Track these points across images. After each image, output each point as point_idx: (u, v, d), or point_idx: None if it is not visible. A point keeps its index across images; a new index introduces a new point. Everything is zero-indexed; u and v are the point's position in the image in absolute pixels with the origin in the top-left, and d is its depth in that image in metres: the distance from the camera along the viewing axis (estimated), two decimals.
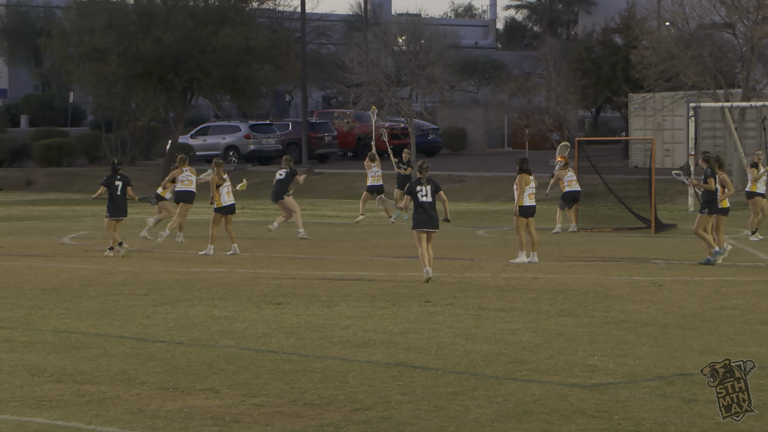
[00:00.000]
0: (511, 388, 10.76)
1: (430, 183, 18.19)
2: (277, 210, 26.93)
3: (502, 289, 17.18)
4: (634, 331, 13.57)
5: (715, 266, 19.88)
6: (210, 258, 21.63)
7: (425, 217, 18.10)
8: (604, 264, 20.32)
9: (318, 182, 44.52)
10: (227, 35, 44.57)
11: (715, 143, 43.98)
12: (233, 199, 22.58)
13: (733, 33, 39.18)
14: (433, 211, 18.16)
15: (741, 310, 15.11)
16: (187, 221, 25.37)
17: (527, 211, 20.44)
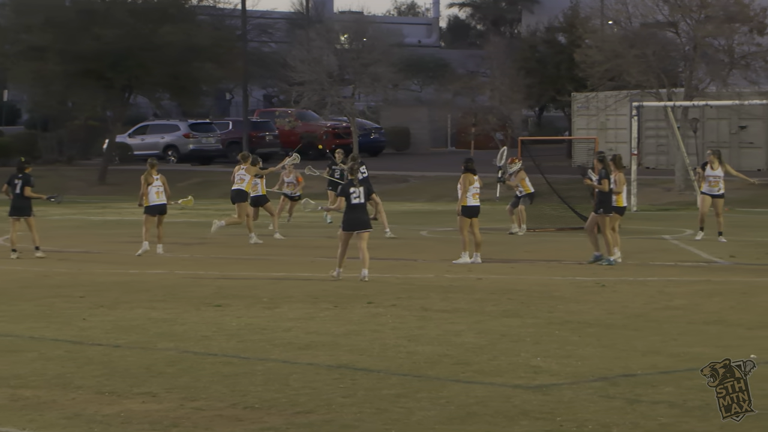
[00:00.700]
0: (455, 389, 10.76)
1: (363, 184, 18.42)
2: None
3: (447, 290, 17.20)
4: (578, 332, 13.63)
5: (660, 266, 20.04)
6: (151, 259, 21.47)
7: (356, 219, 18.32)
8: (548, 264, 20.41)
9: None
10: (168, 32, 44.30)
11: (658, 142, 44.43)
12: (163, 199, 22.50)
13: (676, 32, 39.54)
14: (365, 212, 18.39)
15: (685, 310, 15.23)
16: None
17: (471, 211, 20.50)
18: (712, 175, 23.73)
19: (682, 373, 11.34)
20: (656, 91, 38.77)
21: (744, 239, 24.33)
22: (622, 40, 39.55)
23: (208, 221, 28.61)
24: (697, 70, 38.75)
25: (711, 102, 37.17)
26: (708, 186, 23.84)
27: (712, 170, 23.78)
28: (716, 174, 23.77)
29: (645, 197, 35.56)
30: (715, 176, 23.74)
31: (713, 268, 19.88)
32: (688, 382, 10.93)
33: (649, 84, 38.69)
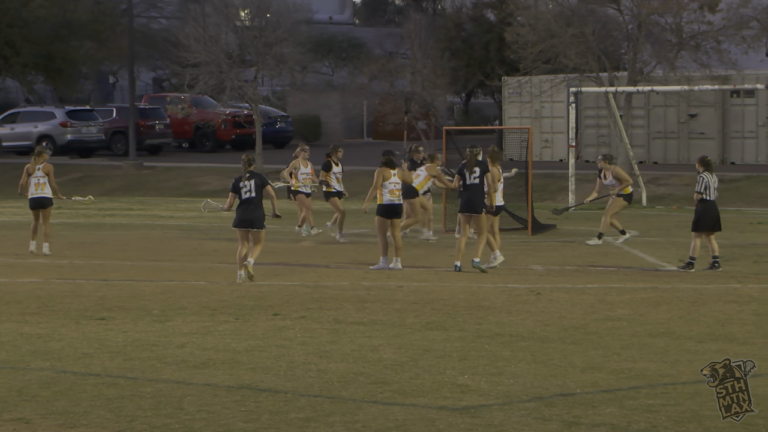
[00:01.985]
0: (372, 412, 10.80)
1: (254, 177, 18.70)
2: None
3: (362, 299, 17.25)
4: (510, 346, 13.75)
5: (601, 272, 20.27)
6: (23, 265, 21.24)
7: (245, 215, 18.84)
8: (476, 270, 20.53)
9: (149, 177, 44.11)
10: (40, 6, 43.85)
11: (599, 133, 44.91)
12: (45, 192, 22.40)
13: (618, 9, 39.97)
14: (256, 209, 18.61)
15: (628, 320, 15.43)
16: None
17: (389, 211, 20.58)
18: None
19: (625, 391, 11.50)
20: (596, 75, 39.18)
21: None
22: (557, 17, 39.90)
23: (88, 222, 28.29)
24: (641, 52, 39.22)
25: (657, 87, 37.62)
26: None
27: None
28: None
29: (584, 194, 35.86)
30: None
31: (660, 273, 20.16)
32: (632, 401, 11.09)
33: (589, 67, 39.09)
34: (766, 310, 16.11)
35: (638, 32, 39.07)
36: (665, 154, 43.53)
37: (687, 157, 42.91)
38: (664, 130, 43.60)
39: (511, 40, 40.51)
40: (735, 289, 18.16)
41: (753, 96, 41.46)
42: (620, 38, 41.48)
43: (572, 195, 34.00)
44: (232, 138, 51.79)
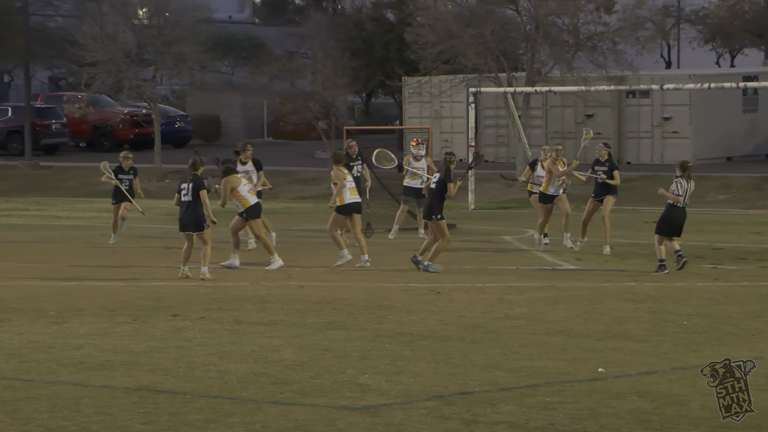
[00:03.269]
0: (272, 412, 10.78)
1: (194, 180, 18.81)
2: None
3: (263, 299, 17.21)
4: (411, 345, 13.80)
5: (500, 271, 20.41)
6: None
7: (182, 218, 19.24)
8: (377, 269, 20.58)
9: (46, 177, 43.57)
10: None
11: (498, 132, 45.22)
12: None
13: (516, 10, 40.27)
14: (194, 211, 18.65)
15: (527, 319, 15.56)
16: None
17: (352, 209, 20.84)
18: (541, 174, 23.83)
19: (523, 389, 11.60)
20: (495, 75, 39.44)
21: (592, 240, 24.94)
22: (457, 18, 40.09)
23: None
24: (539, 53, 39.55)
25: (555, 88, 37.95)
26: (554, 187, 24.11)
27: (543, 169, 23.89)
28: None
29: (483, 194, 36.16)
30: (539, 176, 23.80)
31: (558, 272, 20.35)
32: (530, 399, 11.18)
33: (488, 67, 39.33)
34: (661, 308, 16.33)
35: (536, 33, 39.38)
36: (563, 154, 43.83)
37: (584, 157, 43.25)
38: (561, 130, 43.99)
39: (411, 40, 40.61)
40: (631, 287, 18.38)
41: (648, 96, 42.00)
42: (518, 39, 41.78)
43: (472, 194, 34.18)
44: (131, 137, 51.26)
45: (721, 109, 41.89)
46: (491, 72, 39.39)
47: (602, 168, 22.76)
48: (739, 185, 35.35)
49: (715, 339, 14.12)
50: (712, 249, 22.99)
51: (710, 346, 13.66)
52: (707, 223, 27.98)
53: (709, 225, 27.65)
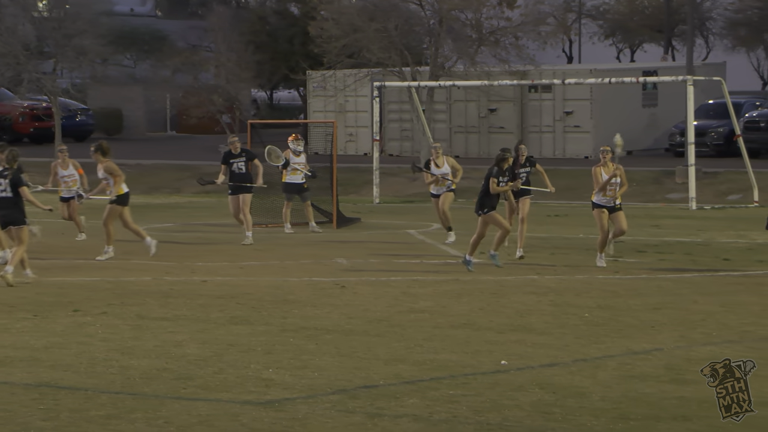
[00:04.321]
0: (175, 408, 10.72)
1: (12, 175, 18.09)
2: None
3: (166, 294, 17.10)
4: (315, 339, 13.80)
5: (405, 265, 20.46)
6: None
7: (5, 215, 18.28)
8: (281, 264, 20.55)
9: None
10: None
11: (403, 127, 45.33)
12: None
13: (419, 4, 40.40)
14: (13, 207, 18.09)
15: (431, 312, 15.62)
16: None
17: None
18: (438, 173, 23.05)
19: (427, 382, 11.65)
20: (399, 69, 39.54)
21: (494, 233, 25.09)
22: (361, 12, 40.14)
23: None
24: (443, 47, 39.73)
25: (458, 82, 38.12)
26: (435, 186, 23.32)
27: (438, 168, 23.20)
28: (444, 171, 23.27)
29: (388, 188, 36.24)
30: (443, 173, 23.23)
31: (462, 266, 20.45)
32: (434, 392, 11.23)
33: (392, 62, 39.42)
34: (563, 301, 16.49)
35: (439, 27, 39.55)
36: (466, 148, 44.17)
37: (487, 151, 43.61)
38: (465, 125, 44.23)
39: (315, 34, 40.58)
40: (533, 280, 18.53)
41: (550, 91, 42.36)
42: (422, 33, 41.93)
43: (376, 188, 34.25)
44: (31, 131, 50.62)
45: (622, 104, 42.39)
46: (395, 66, 39.49)
47: (525, 170, 21.53)
48: (639, 179, 35.76)
49: (616, 331, 14.28)
50: (612, 242, 23.23)
51: (611, 338, 13.82)
52: None
53: None
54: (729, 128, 36.97)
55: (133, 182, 40.32)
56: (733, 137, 34.37)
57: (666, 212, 30.30)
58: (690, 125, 31.87)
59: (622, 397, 11.00)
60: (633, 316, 15.30)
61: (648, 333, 14.15)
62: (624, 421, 10.18)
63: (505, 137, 43.46)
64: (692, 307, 15.95)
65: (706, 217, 28.65)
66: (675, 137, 40.73)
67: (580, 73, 42.29)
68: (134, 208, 28.56)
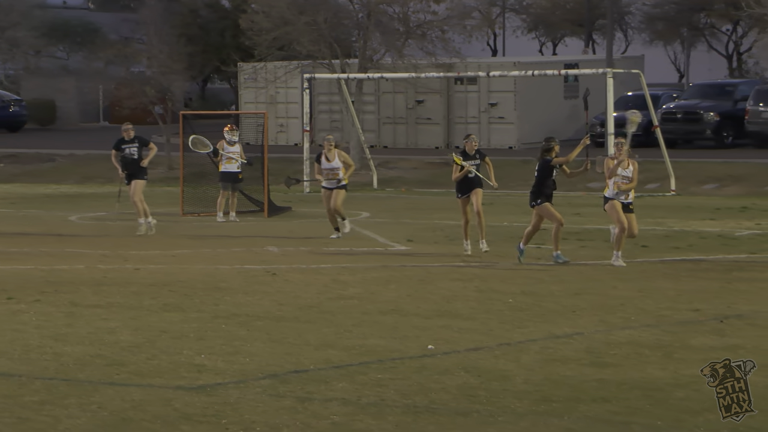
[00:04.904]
0: (108, 393, 10.66)
1: None
2: None
3: (99, 282, 16.98)
4: (247, 326, 13.77)
5: (334, 253, 20.46)
6: None
7: None
8: (213, 252, 20.47)
9: None
10: None
11: (332, 118, 45.28)
12: None
13: None
14: None
15: (360, 299, 15.64)
16: None
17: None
18: (327, 167, 22.38)
19: (356, 367, 11.67)
20: (329, 62, 39.48)
21: (421, 222, 25.19)
22: (291, 5, 39.99)
23: None
24: (371, 40, 39.70)
25: (386, 74, 38.18)
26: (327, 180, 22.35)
27: (328, 162, 22.38)
28: (333, 166, 22.35)
29: None
30: (332, 168, 22.35)
31: (390, 253, 20.50)
32: (363, 377, 11.25)
33: (321, 54, 39.34)
34: (487, 287, 16.56)
35: (368, 21, 39.53)
36: (394, 139, 44.23)
37: (415, 142, 43.74)
38: (393, 116, 44.27)
39: (246, 26, 40.41)
40: (459, 267, 18.60)
41: (475, 83, 42.52)
42: (351, 26, 41.88)
43: (307, 177, 34.18)
44: None
45: (544, 96, 42.62)
46: (325, 58, 39.42)
47: (474, 162, 20.04)
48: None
49: (539, 316, 14.38)
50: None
51: (534, 323, 13.91)
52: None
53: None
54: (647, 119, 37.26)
55: (67, 172, 40.09)
56: (651, 128, 34.67)
57: (587, 201, 30.51)
58: (609, 116, 32.11)
59: (544, 380, 11.08)
60: (555, 301, 15.41)
61: (569, 318, 14.26)
62: (546, 403, 10.26)
63: (432, 128, 43.66)
64: (611, 292, 16.09)
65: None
66: (595, 128, 41.02)
67: (505, 65, 42.46)
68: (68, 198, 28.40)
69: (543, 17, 63.37)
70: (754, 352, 12.18)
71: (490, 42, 64.16)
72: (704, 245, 20.90)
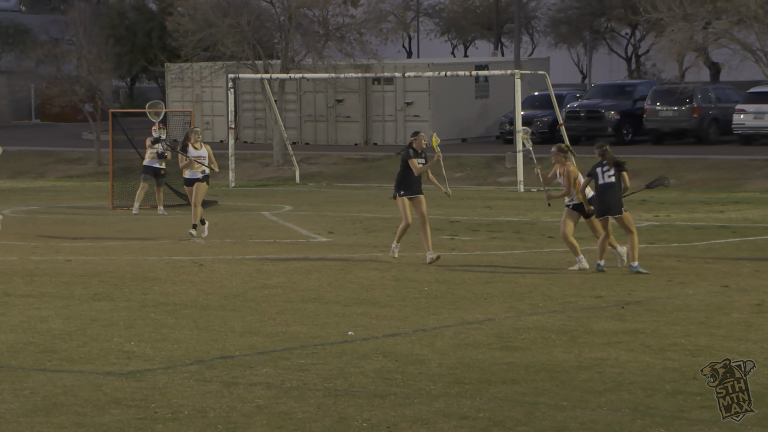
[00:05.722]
0: (40, 379, 10.54)
1: None
2: None
3: (31, 273, 16.78)
4: (174, 314, 13.68)
5: (259, 244, 20.38)
6: None
7: None
8: (142, 244, 20.32)
9: None
10: None
11: (256, 116, 45.13)
12: None
13: (270, 2, 40.26)
14: None
15: (283, 288, 15.60)
16: None
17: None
18: (195, 154, 21.17)
19: (279, 353, 11.64)
20: (252, 62, 39.33)
21: (341, 215, 25.19)
22: (215, 8, 39.79)
23: None
24: (292, 42, 39.62)
25: (307, 75, 38.15)
26: (190, 171, 21.18)
27: (195, 150, 21.17)
28: (200, 153, 21.15)
29: (242, 173, 36.07)
30: (199, 156, 21.13)
31: (311, 244, 20.47)
32: (286, 362, 11.23)
33: (245, 55, 39.19)
34: (404, 276, 16.60)
35: (289, 24, 39.44)
36: (316, 136, 44.20)
37: (335, 139, 43.73)
38: (314, 114, 44.22)
39: (172, 28, 40.16)
40: (377, 257, 18.61)
41: (392, 83, 42.60)
42: (273, 29, 41.75)
43: (232, 173, 34.05)
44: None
45: (456, 95, 42.81)
46: (248, 59, 39.28)
47: (420, 161, 17.86)
48: (473, 164, 36.19)
49: (452, 303, 14.44)
50: (449, 222, 23.50)
51: (447, 310, 13.96)
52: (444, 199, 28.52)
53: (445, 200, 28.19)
54: (553, 117, 37.58)
55: None
56: (556, 126, 34.94)
57: (497, 194, 30.70)
58: (518, 115, 32.31)
59: (457, 364, 11.13)
60: (467, 289, 15.48)
61: (480, 305, 14.33)
62: (459, 385, 10.31)
63: (351, 125, 43.68)
64: (520, 280, 16.20)
65: (532, 198, 29.07)
66: (504, 126, 41.27)
67: (419, 66, 42.59)
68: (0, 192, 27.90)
69: (454, 21, 63.61)
70: (652, 336, 12.34)
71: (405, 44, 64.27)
72: None
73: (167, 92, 47.01)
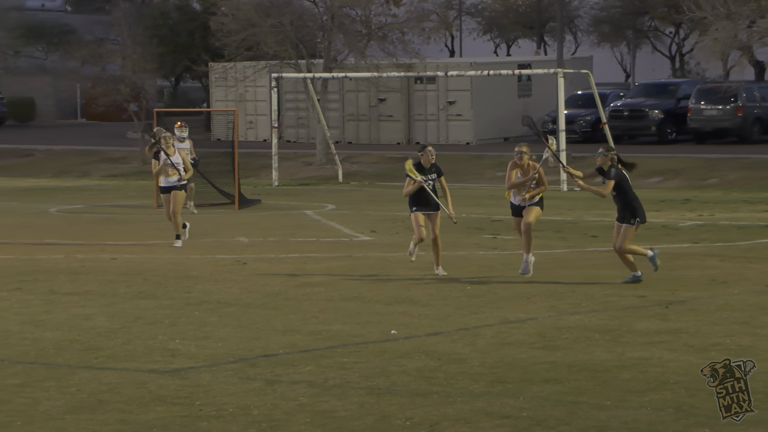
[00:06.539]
0: (85, 377, 10.63)
1: None
2: None
3: (76, 271, 16.91)
4: (217, 312, 13.75)
5: (301, 243, 20.44)
6: None
7: None
8: (185, 242, 20.39)
9: None
10: None
11: (299, 115, 45.24)
12: None
13: (312, 1, 40.33)
14: None
15: (324, 287, 15.64)
16: None
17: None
18: (169, 163, 19.94)
19: (321, 351, 11.68)
20: (295, 62, 39.44)
21: (382, 213, 25.21)
22: (257, 8, 39.93)
23: None
24: (334, 41, 39.69)
25: (350, 74, 38.23)
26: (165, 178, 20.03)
27: (168, 157, 19.99)
28: (174, 161, 19.99)
29: (284, 171, 36.15)
30: (173, 162, 19.96)
31: (354, 243, 20.51)
32: (327, 360, 11.27)
33: (287, 55, 39.29)
34: (444, 275, 16.56)
35: (331, 23, 39.51)
36: (358, 135, 44.26)
37: (377, 138, 43.77)
38: (356, 113, 44.28)
39: (215, 28, 40.32)
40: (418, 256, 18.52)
41: (434, 82, 42.59)
42: (315, 28, 41.82)
43: (275, 172, 34.17)
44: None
45: (499, 94, 42.73)
46: (291, 59, 39.38)
47: (429, 177, 16.80)
48: None
49: (493, 302, 14.42)
50: (490, 221, 23.47)
51: (488, 309, 13.95)
52: (485, 198, 28.54)
53: (486, 199, 28.19)
54: (596, 116, 37.44)
55: (43, 166, 39.85)
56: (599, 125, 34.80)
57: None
58: (561, 114, 32.21)
59: (498, 363, 11.13)
60: (508, 288, 15.46)
61: (521, 304, 14.31)
62: (500, 384, 10.31)
63: (393, 125, 43.70)
64: (561, 279, 16.15)
65: (574, 197, 28.97)
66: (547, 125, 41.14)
67: (461, 66, 42.53)
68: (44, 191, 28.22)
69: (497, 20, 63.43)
70: (695, 335, 12.29)
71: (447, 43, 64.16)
72: (649, 235, 21.01)
73: (211, 91, 47.20)
